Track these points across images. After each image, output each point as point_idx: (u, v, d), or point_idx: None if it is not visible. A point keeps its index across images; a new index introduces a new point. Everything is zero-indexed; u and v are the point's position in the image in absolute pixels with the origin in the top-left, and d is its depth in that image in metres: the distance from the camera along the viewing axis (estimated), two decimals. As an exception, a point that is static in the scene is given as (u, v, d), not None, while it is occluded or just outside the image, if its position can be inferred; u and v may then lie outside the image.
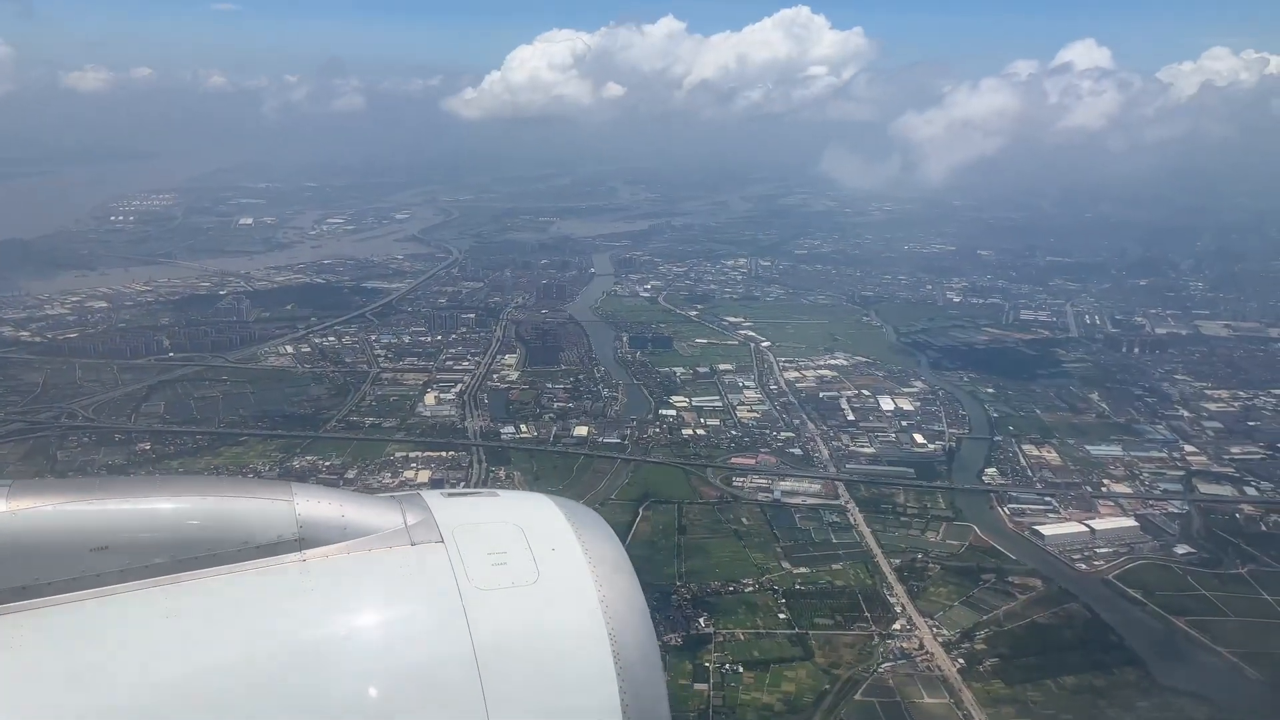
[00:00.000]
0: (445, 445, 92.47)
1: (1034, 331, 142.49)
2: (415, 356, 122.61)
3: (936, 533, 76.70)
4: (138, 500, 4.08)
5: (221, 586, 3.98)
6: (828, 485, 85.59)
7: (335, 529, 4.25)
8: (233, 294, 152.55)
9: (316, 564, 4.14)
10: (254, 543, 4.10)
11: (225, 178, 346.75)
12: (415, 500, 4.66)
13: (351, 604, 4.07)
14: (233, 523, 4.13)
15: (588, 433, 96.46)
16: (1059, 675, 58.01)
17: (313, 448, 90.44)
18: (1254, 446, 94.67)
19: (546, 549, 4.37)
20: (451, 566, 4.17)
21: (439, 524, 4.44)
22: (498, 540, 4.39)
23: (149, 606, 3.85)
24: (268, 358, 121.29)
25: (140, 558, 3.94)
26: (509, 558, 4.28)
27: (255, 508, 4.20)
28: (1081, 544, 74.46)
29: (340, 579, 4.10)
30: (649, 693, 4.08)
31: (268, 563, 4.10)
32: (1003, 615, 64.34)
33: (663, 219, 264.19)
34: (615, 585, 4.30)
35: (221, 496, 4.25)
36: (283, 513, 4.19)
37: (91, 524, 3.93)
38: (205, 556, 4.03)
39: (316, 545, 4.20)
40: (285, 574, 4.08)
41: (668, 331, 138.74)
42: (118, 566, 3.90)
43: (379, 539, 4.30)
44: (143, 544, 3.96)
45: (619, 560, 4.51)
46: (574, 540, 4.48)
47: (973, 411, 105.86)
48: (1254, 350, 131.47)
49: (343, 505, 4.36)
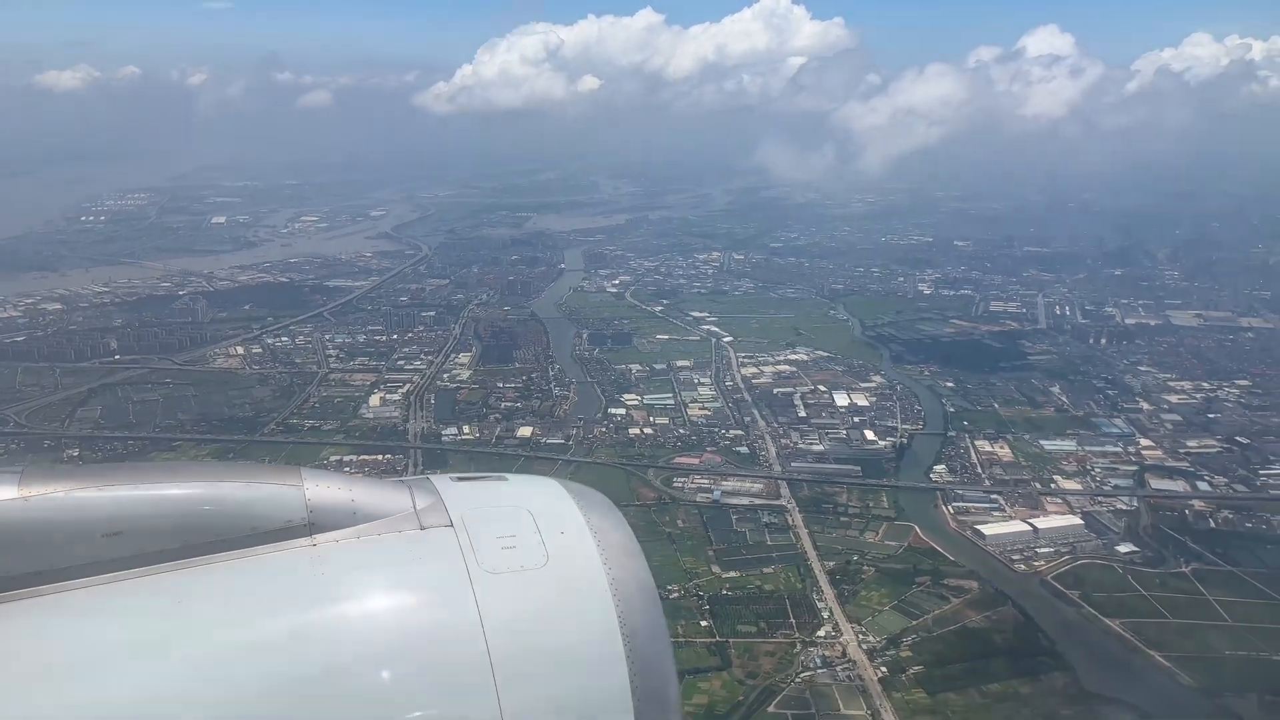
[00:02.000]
0: (382, 448, 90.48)
1: (1002, 323, 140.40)
2: (367, 356, 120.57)
3: (876, 533, 74.78)
4: (149, 486, 4.07)
5: (232, 572, 3.97)
6: (770, 485, 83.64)
7: (345, 514, 4.21)
8: (190, 294, 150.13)
9: (327, 549, 4.11)
10: (264, 528, 4.07)
11: (205, 176, 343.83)
12: (424, 484, 4.61)
13: (362, 588, 4.01)
14: (243, 508, 4.09)
15: (532, 433, 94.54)
16: (984, 683, 56.08)
17: (246, 452, 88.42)
18: (1211, 440, 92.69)
19: (556, 532, 4.31)
20: (461, 550, 4.12)
21: (448, 508, 4.37)
22: (507, 524, 4.32)
23: (161, 591, 3.85)
24: (216, 359, 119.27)
25: (152, 543, 3.93)
26: (518, 541, 4.22)
27: (265, 493, 4.16)
28: (1023, 544, 72.52)
29: (350, 563, 4.06)
30: (659, 674, 4.08)
31: (278, 548, 4.06)
32: (933, 620, 62.41)
33: (641, 213, 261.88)
34: (625, 568, 4.25)
35: (232, 482, 4.20)
36: (292, 498, 4.15)
37: (104, 510, 3.91)
38: (216, 542, 4.01)
39: (326, 530, 4.15)
40: (295, 559, 4.04)
41: (629, 328, 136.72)
42: (130, 552, 3.90)
43: (388, 523, 4.26)
44: (155, 529, 3.95)
45: (628, 543, 4.48)
46: (583, 523, 4.42)
47: (929, 406, 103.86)
48: (1223, 340, 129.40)
49: (352, 490, 4.32)
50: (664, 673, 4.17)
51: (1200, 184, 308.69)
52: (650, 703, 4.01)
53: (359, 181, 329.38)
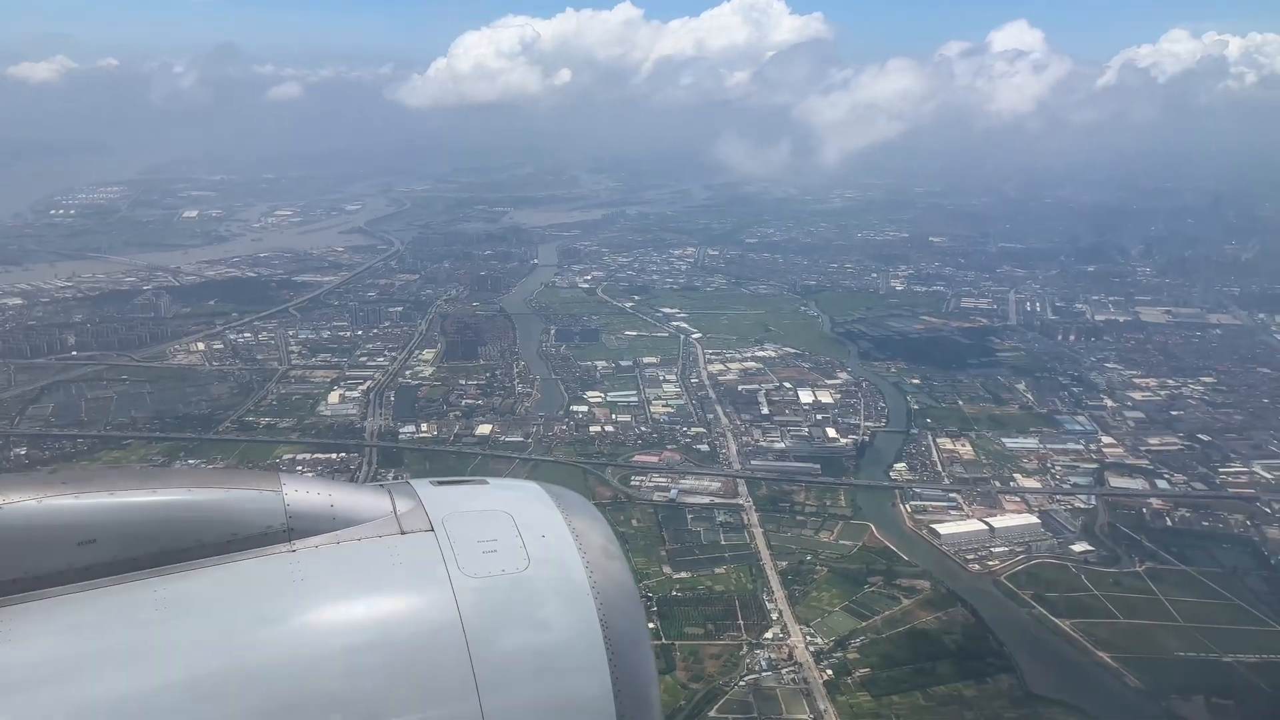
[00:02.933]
0: (338, 446, 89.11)
1: (972, 320, 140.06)
2: (330, 353, 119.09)
3: (831, 532, 74.08)
4: (125, 493, 4.02)
5: (210, 578, 3.93)
6: (728, 483, 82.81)
7: (324, 519, 4.20)
8: (154, 289, 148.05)
9: (306, 554, 4.09)
10: (243, 534, 4.05)
11: (180, 170, 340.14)
12: (405, 488, 4.60)
13: (342, 593, 3.99)
14: (221, 514, 4.07)
15: (491, 431, 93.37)
16: (930, 685, 55.43)
17: (198, 450, 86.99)
18: (1173, 437, 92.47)
19: (536, 536, 4.32)
20: (442, 554, 4.13)
21: (429, 512, 4.38)
22: (488, 528, 4.34)
23: (137, 598, 3.81)
24: (176, 355, 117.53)
25: (128, 550, 3.90)
26: (499, 545, 4.23)
27: (244, 498, 4.14)
28: (979, 543, 71.95)
29: (330, 569, 4.05)
30: (640, 676, 4.08)
31: (257, 553, 4.05)
32: (882, 621, 61.71)
33: (618, 208, 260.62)
34: (605, 570, 4.26)
35: (210, 488, 4.17)
36: (271, 503, 4.14)
37: (79, 517, 3.87)
38: (194, 548, 3.98)
39: (306, 535, 4.14)
40: (274, 564, 4.02)
41: (598, 324, 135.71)
42: (105, 559, 3.87)
43: (369, 528, 4.26)
44: (130, 536, 3.92)
45: (609, 546, 4.47)
46: (563, 527, 4.42)
47: (894, 403, 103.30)
48: (1189, 336, 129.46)
49: (332, 494, 4.30)
50: (645, 675, 4.18)
51: (1177, 180, 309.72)
52: (632, 705, 4.01)
53: (336, 175, 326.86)
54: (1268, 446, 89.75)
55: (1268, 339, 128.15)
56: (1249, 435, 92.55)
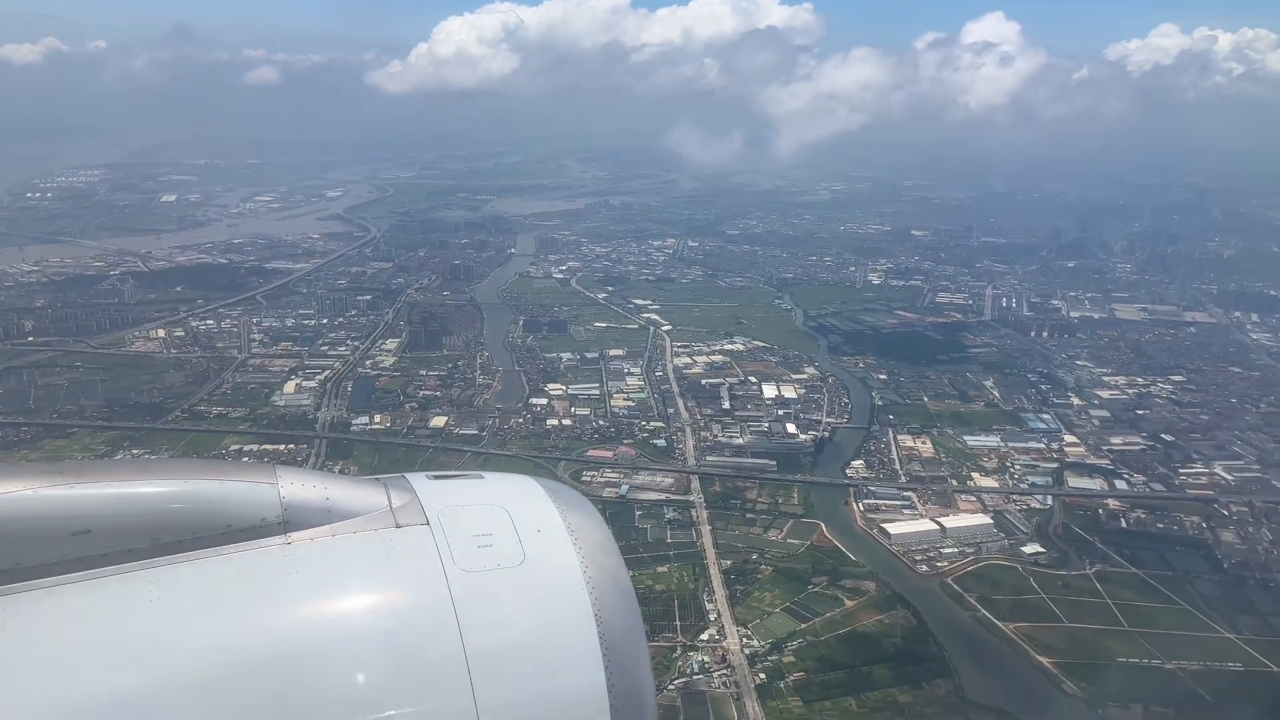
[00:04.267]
0: (287, 438, 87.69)
1: (947, 315, 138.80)
2: (292, 341, 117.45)
3: (780, 531, 72.87)
4: (119, 483, 4.01)
5: (204, 570, 3.92)
6: (681, 479, 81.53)
7: (319, 511, 4.18)
8: (121, 275, 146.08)
9: (300, 547, 4.07)
10: (237, 526, 4.03)
11: (166, 153, 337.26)
12: (400, 482, 4.58)
13: (336, 587, 3.99)
14: (216, 505, 4.05)
15: (445, 423, 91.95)
16: (864, 691, 54.31)
17: (144, 441, 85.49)
18: (1136, 437, 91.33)
19: (532, 530, 4.31)
20: (437, 549, 4.12)
21: (424, 506, 4.37)
22: (483, 522, 4.33)
23: (131, 590, 3.80)
24: (135, 342, 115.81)
25: (122, 541, 3.88)
26: (494, 539, 4.22)
27: (238, 490, 4.13)
28: (929, 543, 70.77)
29: (325, 562, 4.03)
30: (634, 671, 4.05)
31: (251, 546, 4.02)
32: (822, 624, 60.52)
33: (603, 198, 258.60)
34: (600, 565, 4.24)
35: (204, 479, 4.15)
36: (266, 495, 4.12)
37: (72, 508, 3.87)
38: (188, 540, 3.96)
39: (300, 528, 4.12)
40: (269, 557, 4.01)
41: (568, 315, 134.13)
42: (100, 550, 3.85)
43: (364, 521, 4.24)
44: (125, 527, 3.90)
45: (604, 541, 4.46)
46: (559, 521, 4.42)
47: (859, 399, 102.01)
48: (1164, 334, 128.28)
49: (327, 487, 4.28)
50: (640, 670, 4.13)
51: (1165, 176, 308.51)
52: (626, 700, 3.94)
53: (322, 162, 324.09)
54: (1231, 447, 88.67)
55: (1242, 337, 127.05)
56: (1213, 435, 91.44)
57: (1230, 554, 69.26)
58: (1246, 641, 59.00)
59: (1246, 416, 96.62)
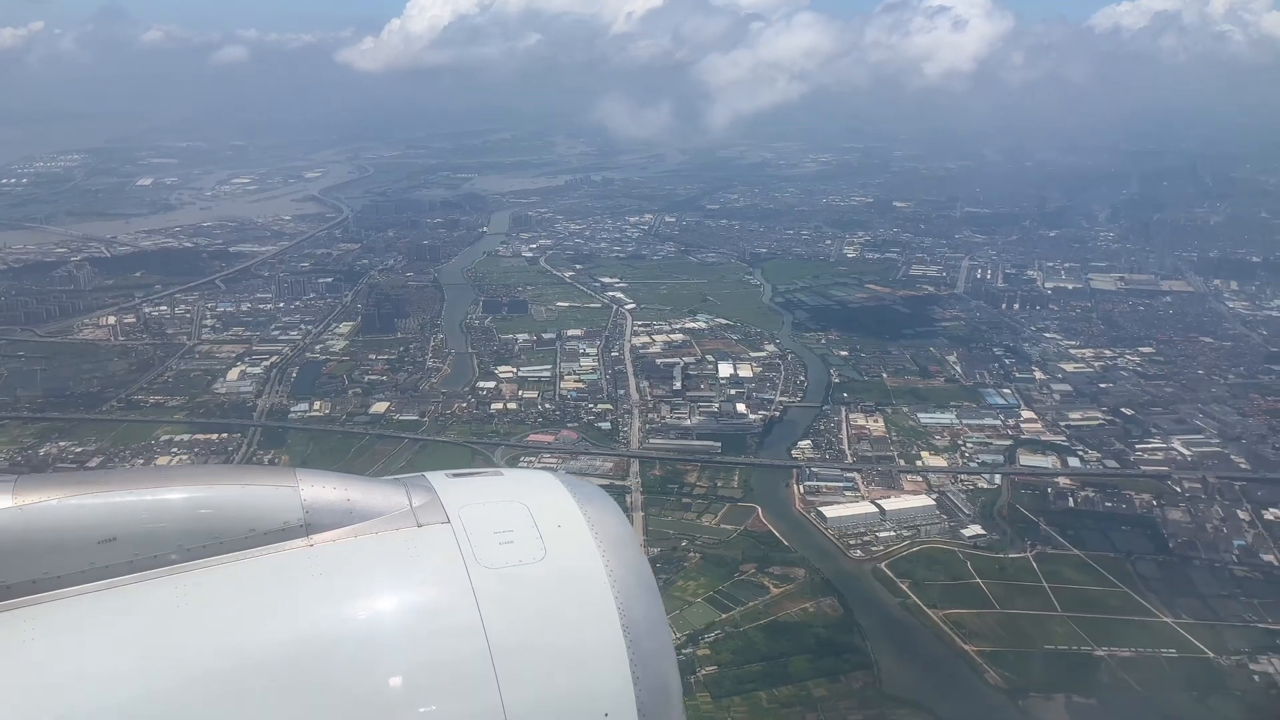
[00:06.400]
0: (222, 427, 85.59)
1: (918, 288, 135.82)
2: (244, 326, 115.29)
3: (715, 516, 70.70)
4: (144, 491, 4.06)
5: (229, 575, 3.95)
6: (621, 463, 79.41)
7: (341, 513, 4.18)
8: (78, 261, 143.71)
9: (323, 549, 4.08)
10: (260, 530, 4.05)
11: (150, 137, 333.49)
12: (420, 481, 4.56)
13: (359, 587, 4.01)
14: (238, 511, 4.07)
15: (385, 409, 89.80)
16: (778, 685, 52.24)
17: (74, 431, 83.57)
18: (1096, 412, 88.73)
19: (553, 526, 4.28)
20: (459, 547, 4.11)
21: (444, 505, 4.35)
22: (504, 519, 4.31)
23: (158, 597, 3.83)
24: (84, 330, 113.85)
25: (148, 548, 3.91)
26: (515, 536, 4.21)
27: (260, 495, 4.14)
28: (866, 526, 68.52)
29: (347, 563, 4.05)
30: (659, 665, 4.05)
31: (274, 549, 4.04)
32: (743, 614, 58.47)
33: (586, 174, 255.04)
34: (622, 560, 4.21)
35: (226, 485, 4.20)
36: (288, 499, 4.13)
37: (98, 516, 3.89)
38: (212, 545, 3.99)
39: (322, 530, 4.12)
40: (292, 560, 4.02)
41: (532, 294, 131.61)
42: (126, 558, 3.88)
43: (385, 521, 4.23)
44: (150, 535, 3.93)
45: (625, 535, 4.45)
46: (580, 517, 4.38)
47: (817, 376, 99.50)
48: (1138, 304, 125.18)
49: (347, 489, 4.28)
50: (665, 665, 4.11)
51: (1160, 142, 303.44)
52: (652, 695, 3.93)
53: (307, 142, 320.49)
54: (1192, 421, 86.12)
55: (1218, 307, 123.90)
56: (1175, 409, 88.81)
57: (1177, 533, 66.85)
58: (1183, 626, 56.78)
59: (1212, 389, 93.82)
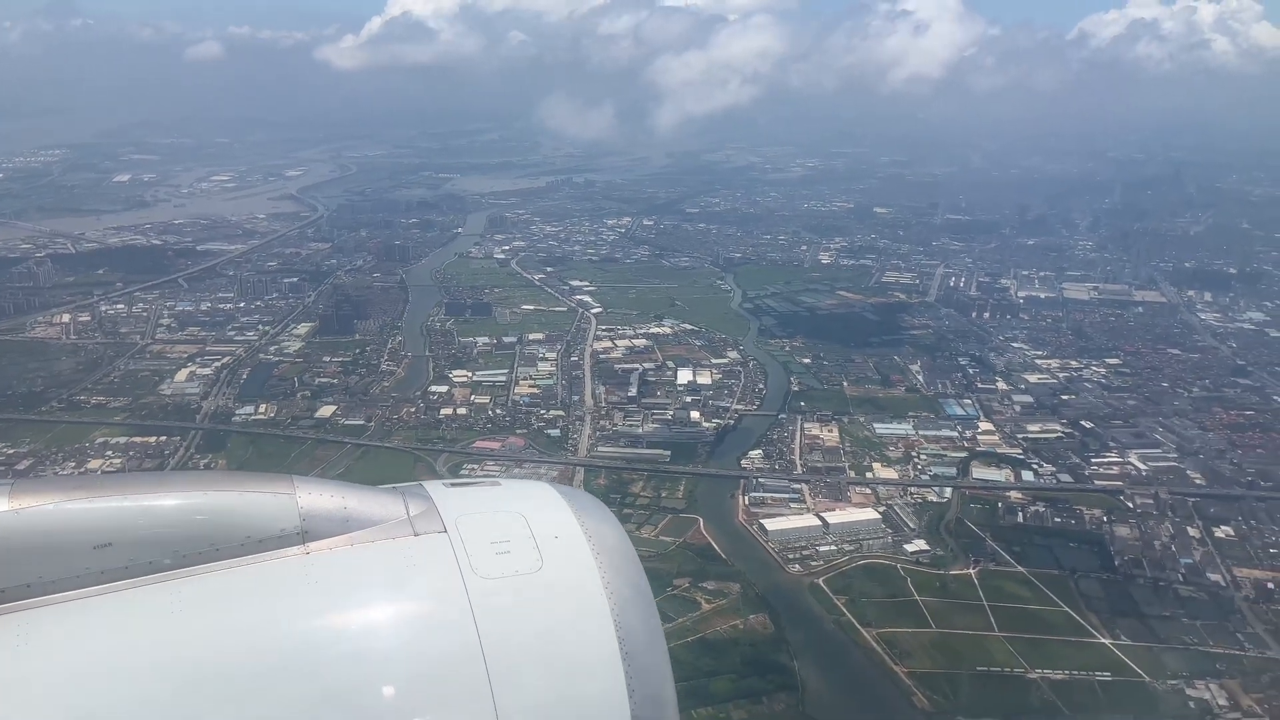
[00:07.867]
0: (161, 429, 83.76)
1: (890, 295, 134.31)
2: (201, 326, 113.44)
3: (655, 527, 68.98)
4: (140, 497, 4.03)
5: (225, 581, 3.92)
6: (566, 472, 77.66)
7: (338, 521, 4.16)
8: (40, 258, 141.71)
9: (320, 557, 4.06)
10: (257, 537, 4.03)
11: (134, 133, 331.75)
12: (418, 491, 4.55)
13: (355, 596, 4.01)
14: (235, 517, 4.04)
15: (332, 413, 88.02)
16: (697, 706, 50.41)
17: (9, 433, 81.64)
18: (1055, 424, 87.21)
19: (549, 536, 4.28)
20: (455, 556, 4.11)
21: (441, 514, 4.33)
22: (501, 529, 4.30)
23: (153, 602, 3.81)
24: (36, 328, 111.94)
25: (143, 554, 3.90)
26: (512, 546, 4.20)
27: (257, 502, 4.11)
28: (808, 540, 66.87)
29: (344, 571, 4.04)
30: (655, 677, 4.06)
31: (271, 556, 4.03)
32: (671, 631, 56.50)
33: (569, 175, 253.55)
34: (618, 571, 4.24)
35: (223, 491, 4.15)
36: (285, 506, 4.11)
37: (94, 521, 3.88)
38: (208, 551, 3.97)
39: (319, 538, 4.10)
40: (288, 567, 4.01)
41: (498, 297, 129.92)
42: (121, 563, 3.87)
43: (382, 530, 4.22)
44: (146, 540, 3.92)
45: (622, 546, 4.43)
46: (576, 527, 4.39)
47: (777, 384, 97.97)
48: (1109, 315, 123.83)
49: (345, 497, 4.26)
50: (660, 676, 4.14)
51: (1149, 150, 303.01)
52: (647, 706, 3.93)
53: (292, 139, 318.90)
54: (1151, 435, 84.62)
55: (1189, 317, 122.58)
56: (1135, 422, 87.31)
57: (1124, 550, 65.32)
58: (1121, 647, 55.20)
59: (1175, 402, 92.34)
